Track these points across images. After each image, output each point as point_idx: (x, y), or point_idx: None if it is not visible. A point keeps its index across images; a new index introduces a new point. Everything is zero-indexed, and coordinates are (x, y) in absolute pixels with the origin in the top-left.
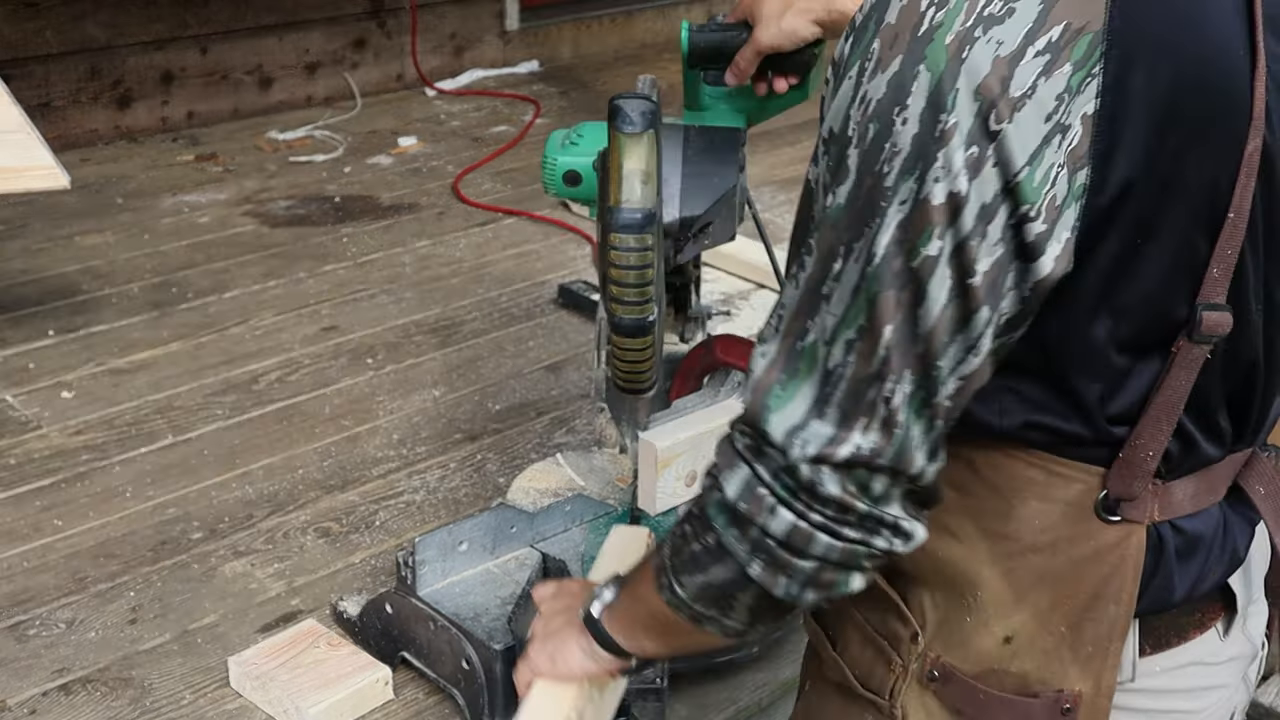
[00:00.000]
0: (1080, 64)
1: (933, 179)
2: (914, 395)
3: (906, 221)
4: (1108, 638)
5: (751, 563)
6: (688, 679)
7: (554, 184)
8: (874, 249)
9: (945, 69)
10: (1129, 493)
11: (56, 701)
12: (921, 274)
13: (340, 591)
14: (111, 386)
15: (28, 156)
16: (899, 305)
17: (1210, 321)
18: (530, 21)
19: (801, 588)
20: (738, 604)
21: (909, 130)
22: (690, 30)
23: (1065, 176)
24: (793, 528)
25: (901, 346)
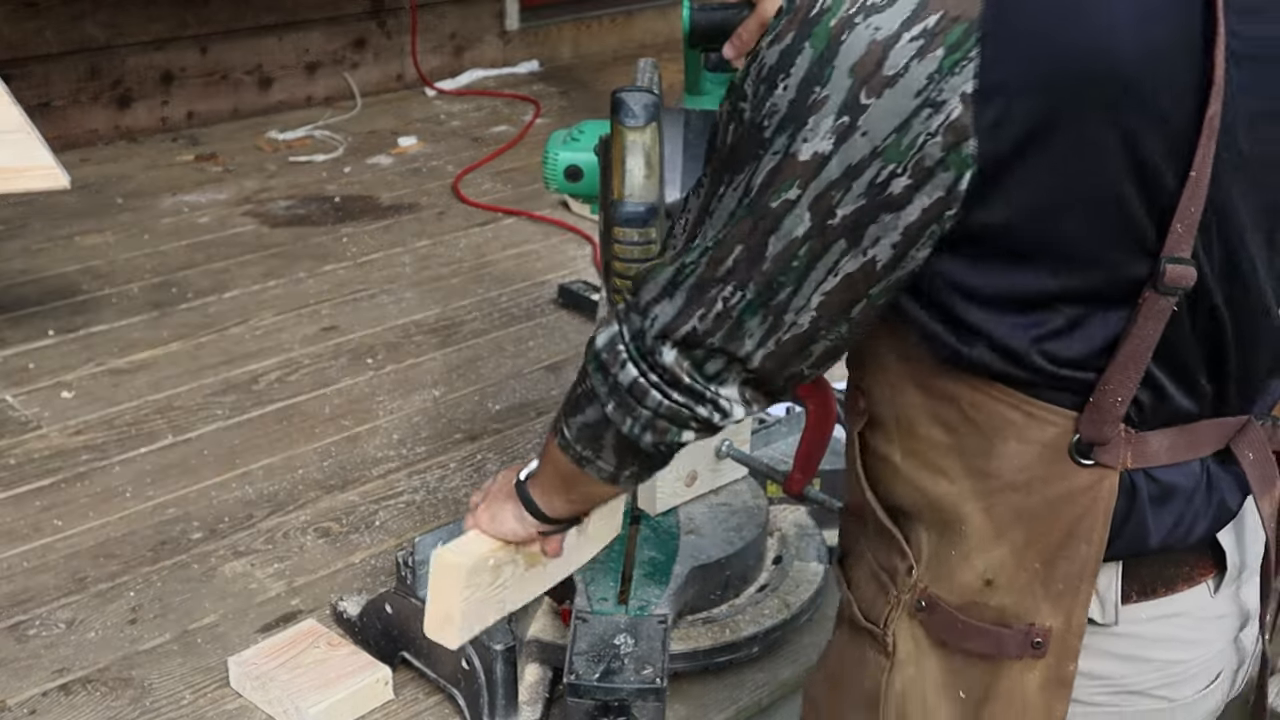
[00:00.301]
0: (954, 48)
1: (801, 139)
2: (753, 301)
3: (775, 169)
4: (1078, 576)
5: (608, 403)
6: (688, 679)
7: (555, 179)
8: (751, 184)
9: (826, 47)
10: (1100, 437)
11: (56, 701)
12: (779, 211)
13: (340, 591)
14: (111, 386)
15: (28, 156)
16: (753, 231)
17: (1174, 274)
18: (530, 21)
19: (641, 430)
20: (605, 443)
21: (787, 96)
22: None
23: (940, 144)
24: (634, 381)
25: (746, 263)
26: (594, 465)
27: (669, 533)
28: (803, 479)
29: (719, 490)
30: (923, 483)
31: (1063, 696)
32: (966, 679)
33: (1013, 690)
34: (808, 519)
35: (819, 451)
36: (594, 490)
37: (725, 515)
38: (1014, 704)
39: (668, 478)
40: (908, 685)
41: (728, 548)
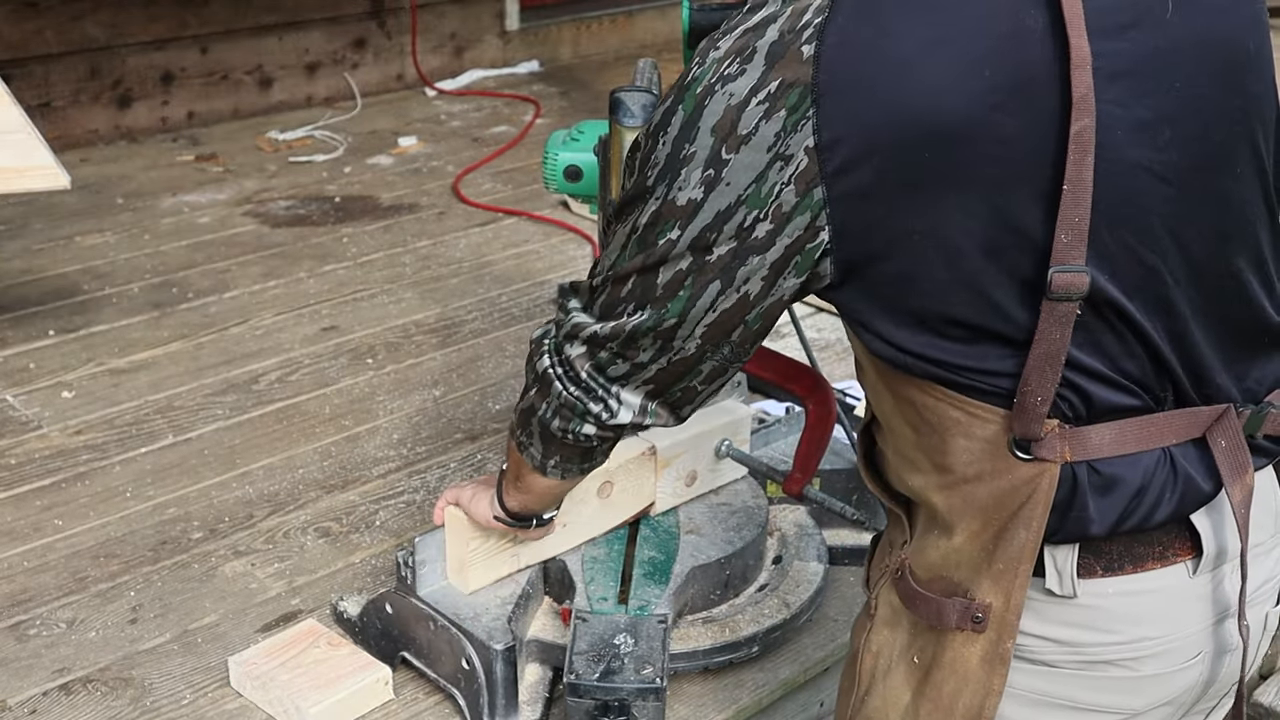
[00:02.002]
0: (793, 109)
1: (677, 187)
2: (642, 324)
3: (657, 212)
4: (1017, 559)
5: (533, 387)
6: (688, 679)
7: (555, 179)
8: (638, 223)
9: (693, 110)
10: (1030, 434)
11: (57, 701)
12: (664, 249)
13: (340, 591)
14: (111, 386)
15: (28, 156)
16: (644, 266)
17: (1061, 282)
18: (530, 21)
19: (551, 415)
20: (533, 428)
21: (665, 150)
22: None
23: (793, 192)
24: (545, 369)
25: (638, 290)
26: (528, 451)
27: (669, 533)
28: (803, 479)
29: (719, 490)
30: (903, 473)
31: (1001, 671)
32: (920, 646)
33: (955, 660)
34: (808, 519)
35: (819, 451)
36: (533, 481)
37: (725, 515)
38: (956, 673)
39: (668, 477)
40: (881, 646)
41: (728, 548)
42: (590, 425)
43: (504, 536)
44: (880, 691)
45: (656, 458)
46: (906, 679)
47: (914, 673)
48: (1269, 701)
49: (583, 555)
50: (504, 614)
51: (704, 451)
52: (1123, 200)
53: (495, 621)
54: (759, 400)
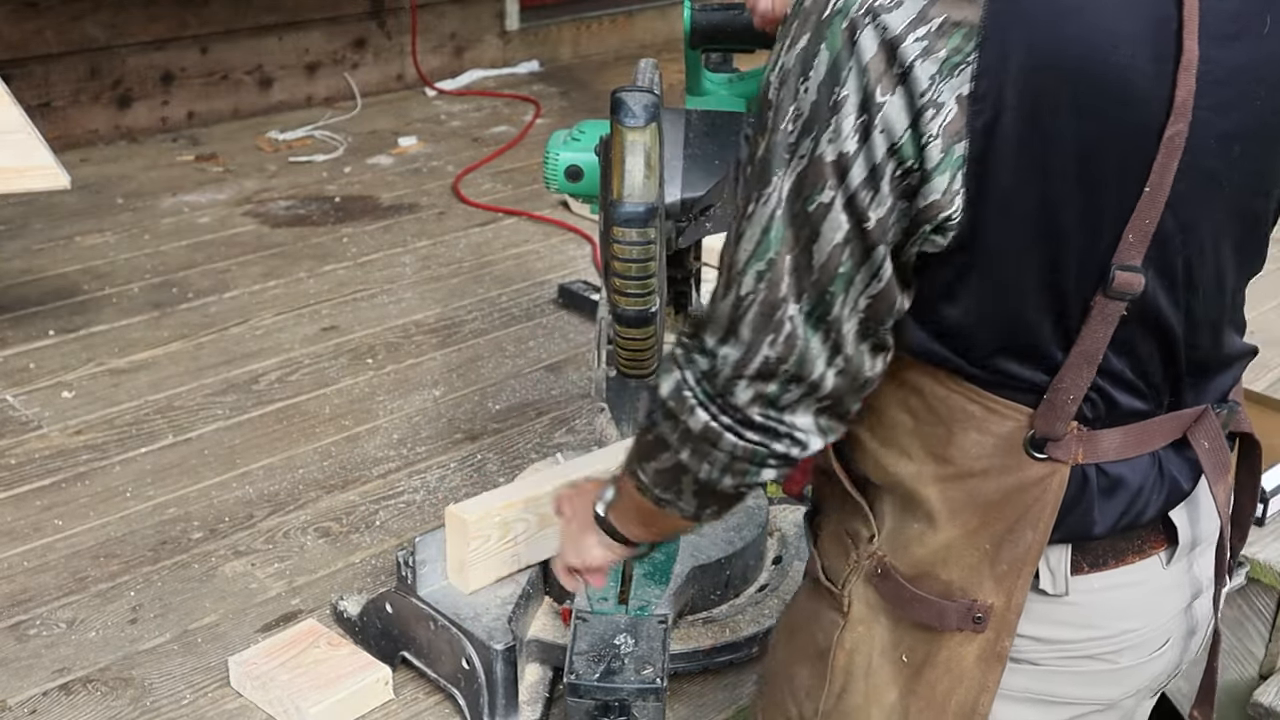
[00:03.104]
0: (955, 51)
1: (826, 140)
2: (810, 314)
3: (804, 173)
4: (1022, 560)
5: (682, 450)
6: (688, 679)
7: (556, 179)
8: (781, 193)
9: (840, 49)
10: (1053, 433)
11: (57, 701)
12: (815, 217)
13: (340, 591)
14: (111, 386)
15: (28, 156)
16: (797, 241)
17: (1122, 280)
18: (530, 21)
19: (719, 473)
20: (683, 487)
21: (809, 98)
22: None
23: (940, 145)
24: (706, 425)
25: (798, 274)
26: (675, 506)
27: None
28: (803, 479)
29: None
30: (887, 461)
31: (996, 669)
32: (910, 645)
33: (951, 659)
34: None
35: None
36: (677, 525)
37: None
38: (951, 672)
39: None
40: (857, 644)
41: (728, 548)
42: (771, 469)
43: (505, 536)
44: (860, 689)
45: None
46: (894, 678)
47: (902, 671)
48: (1269, 701)
49: None
50: (504, 614)
51: None
52: (1188, 208)
53: (495, 621)
54: None
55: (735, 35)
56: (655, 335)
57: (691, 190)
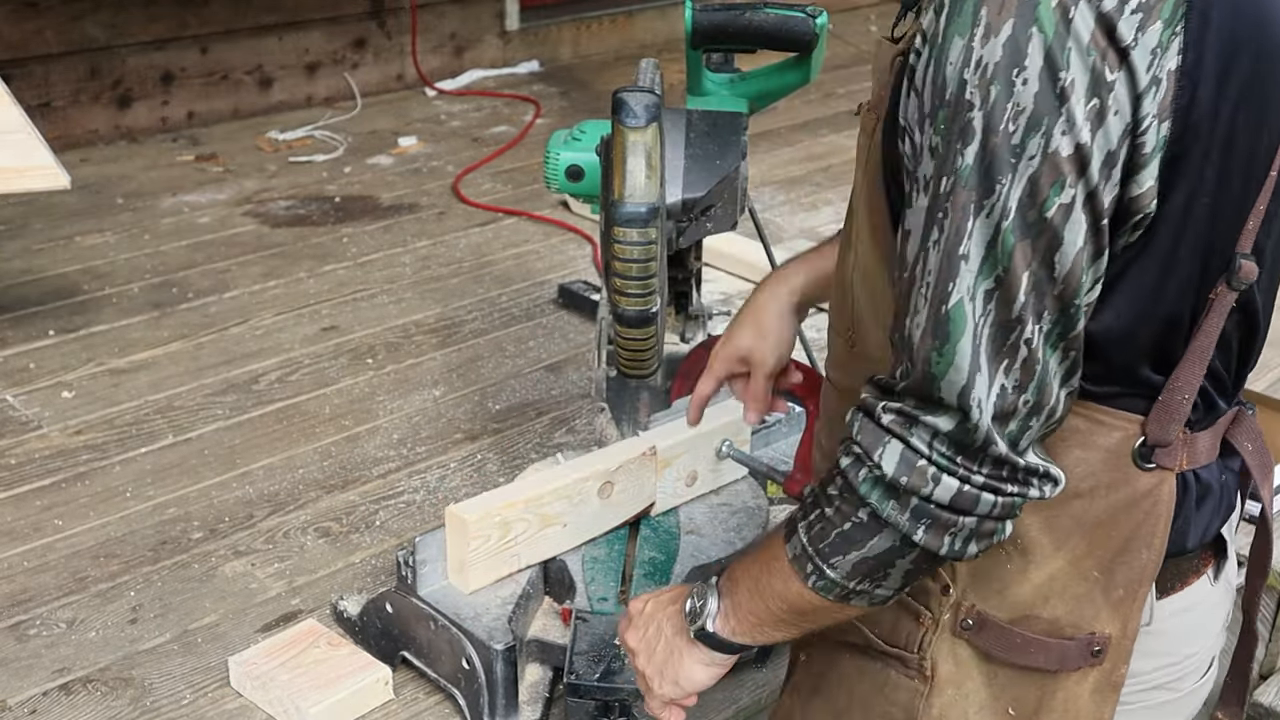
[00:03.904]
0: (1168, 22)
1: (1059, 133)
2: (1051, 332)
3: (1036, 175)
4: (1138, 581)
5: (916, 529)
6: None
7: (556, 179)
8: (1007, 204)
9: (1056, 29)
10: (1164, 438)
11: (57, 701)
12: (1055, 222)
13: (340, 591)
14: (111, 386)
15: (28, 156)
16: (1035, 252)
17: (1246, 269)
18: (530, 21)
19: (964, 543)
20: (894, 570)
21: (1030, 90)
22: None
23: (1155, 126)
24: (957, 492)
25: (1038, 290)
26: (867, 596)
27: (669, 533)
28: (803, 479)
29: (719, 490)
30: None
31: (1112, 699)
32: (1016, 694)
33: (1068, 699)
34: None
35: None
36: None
37: (725, 515)
38: (1068, 712)
39: (668, 477)
40: (947, 708)
41: (728, 548)
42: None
43: (505, 536)
44: None
45: (657, 458)
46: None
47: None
48: (1269, 701)
49: (583, 555)
50: (504, 614)
51: (704, 452)
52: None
53: (495, 621)
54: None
55: (736, 35)
56: (656, 335)
57: (693, 190)
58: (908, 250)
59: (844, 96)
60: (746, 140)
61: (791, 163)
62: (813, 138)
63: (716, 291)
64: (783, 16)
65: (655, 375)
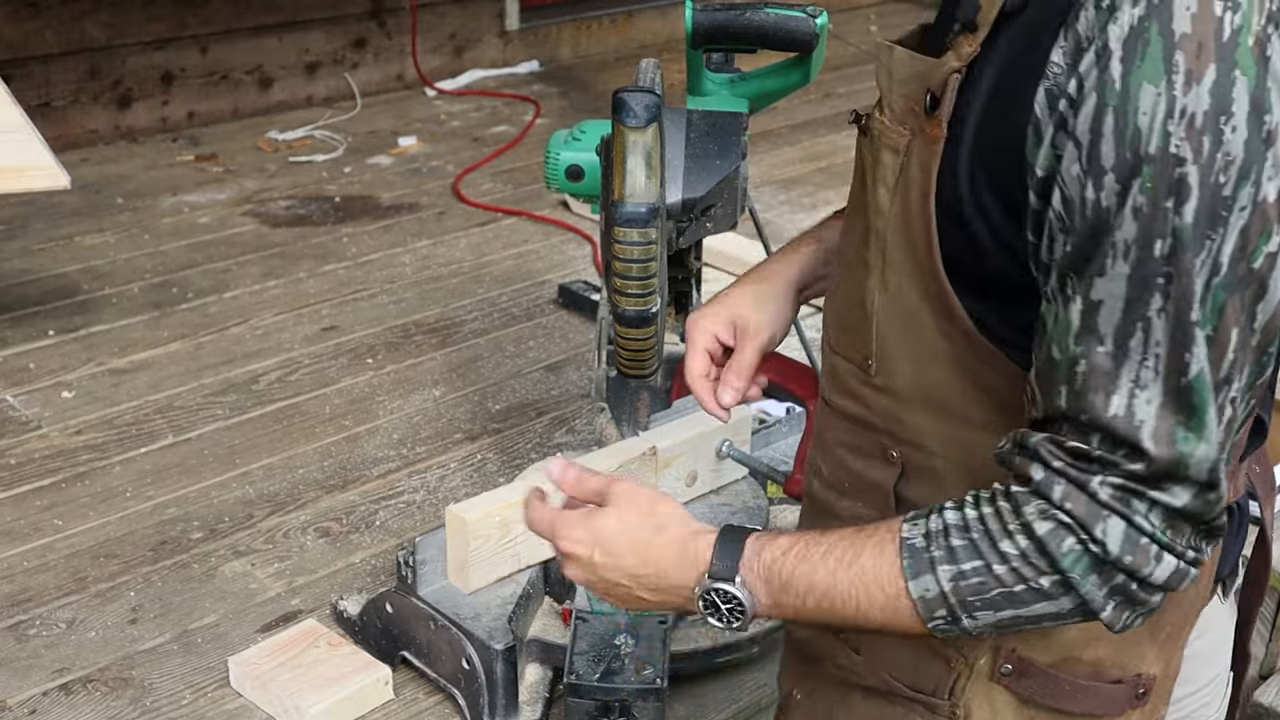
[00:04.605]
0: None
1: (1266, 179)
2: (1246, 386)
3: (1247, 227)
4: (1184, 620)
5: (1107, 605)
6: (688, 679)
7: (556, 179)
8: (1219, 259)
9: (1257, 72)
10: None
11: (57, 701)
12: (1261, 271)
13: (340, 591)
14: (111, 386)
15: (28, 156)
16: (1242, 307)
17: None
18: (530, 21)
19: (1140, 617)
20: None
21: (1239, 137)
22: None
23: None
24: (1174, 570)
25: (1243, 344)
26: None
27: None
28: (803, 480)
29: (719, 490)
30: None
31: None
32: None
33: None
34: None
35: None
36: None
37: (725, 515)
38: None
39: (668, 477)
40: None
41: None
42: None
43: (505, 536)
44: None
45: (657, 458)
46: None
47: None
48: (1269, 701)
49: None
50: (504, 614)
51: (704, 452)
52: None
53: (495, 621)
54: (759, 400)
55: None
56: (656, 335)
57: (693, 190)
58: (1103, 323)
59: (844, 96)
60: (747, 140)
61: (791, 163)
62: (813, 138)
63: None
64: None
65: (655, 375)
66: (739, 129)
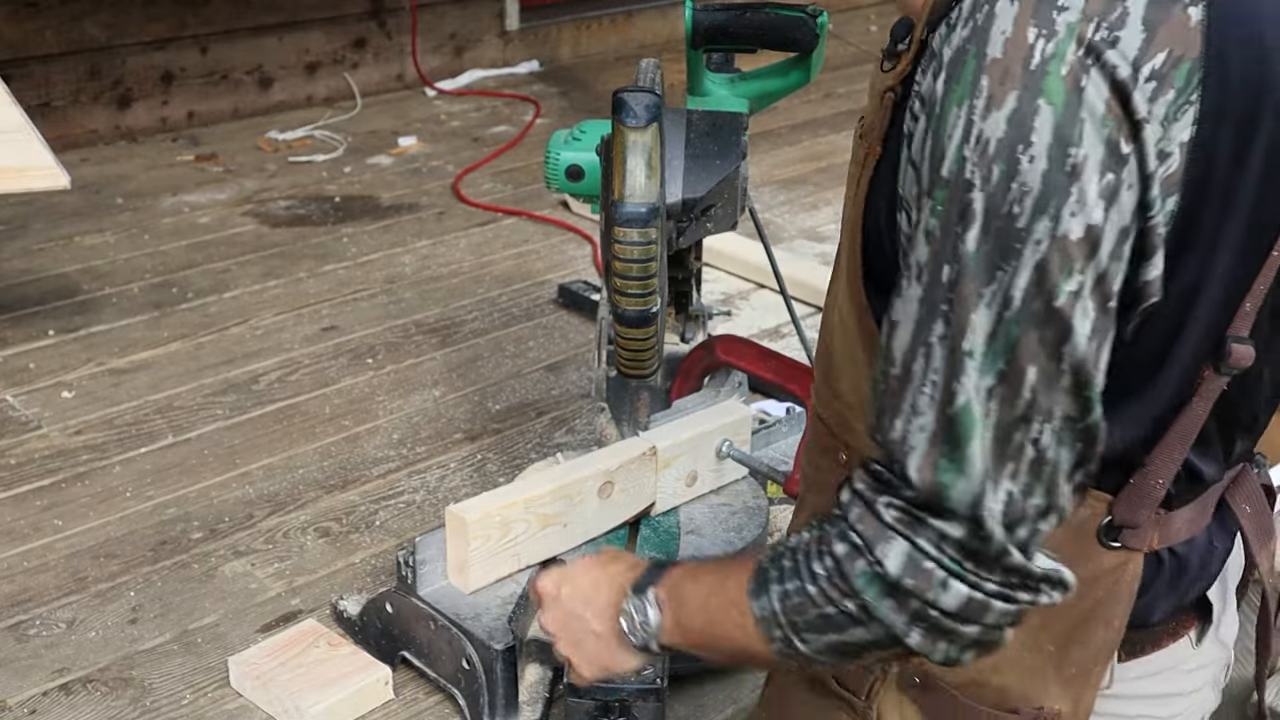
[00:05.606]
0: (1181, 91)
1: (1069, 214)
2: (1063, 429)
3: (1044, 262)
4: (1092, 660)
5: (910, 632)
6: (688, 679)
7: (556, 179)
8: (1010, 293)
9: (1066, 101)
10: (1133, 520)
11: (57, 701)
12: (1065, 311)
13: (340, 591)
14: (111, 386)
15: (28, 156)
16: (1042, 344)
17: (1237, 355)
18: (530, 21)
19: (962, 651)
20: (869, 657)
21: (1037, 168)
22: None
23: (1162, 203)
24: (966, 600)
25: (1047, 385)
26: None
27: (669, 533)
28: None
29: (719, 490)
30: None
31: None
32: None
33: None
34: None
35: None
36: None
37: (725, 515)
38: None
39: (668, 477)
40: None
41: (728, 548)
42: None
43: (505, 536)
44: None
45: (657, 458)
46: None
47: None
48: (1269, 701)
49: (583, 555)
50: (504, 614)
51: (704, 452)
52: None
53: (495, 621)
54: (759, 400)
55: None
56: (656, 335)
57: (693, 190)
58: (895, 344)
59: (844, 96)
60: (747, 140)
61: (791, 163)
62: (813, 138)
63: (716, 291)
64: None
65: (655, 375)
66: (739, 129)
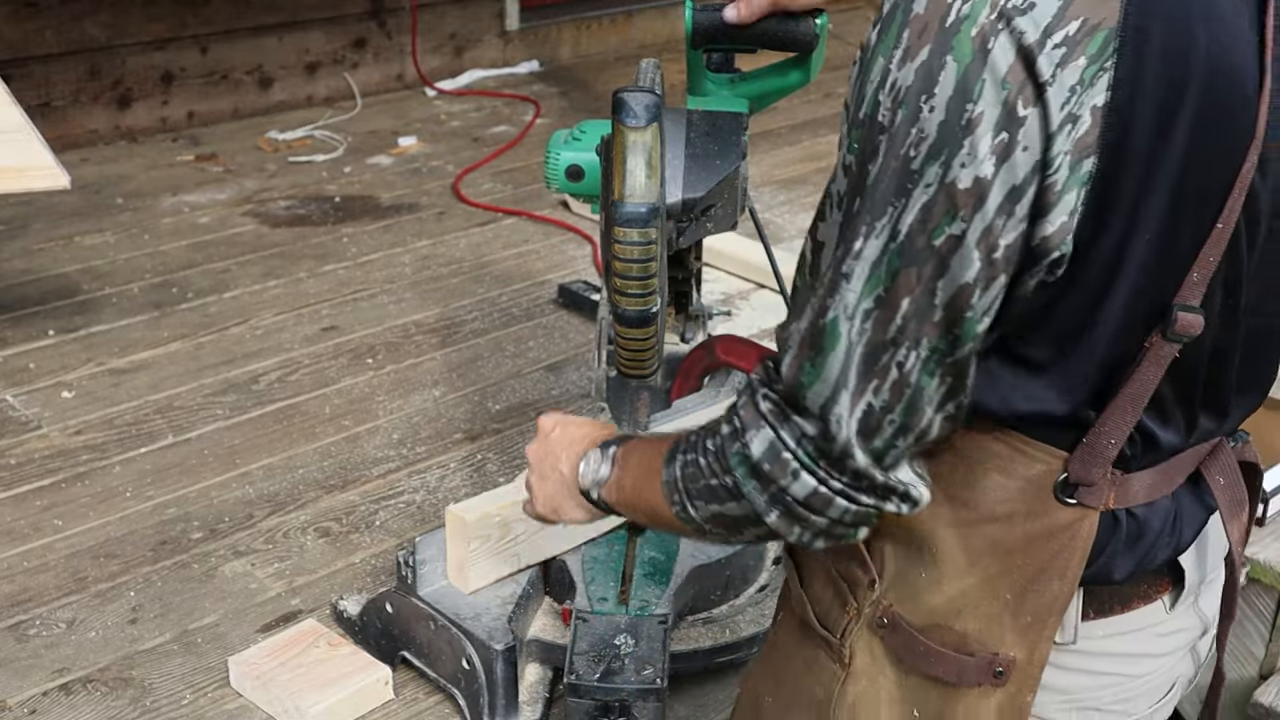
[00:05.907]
0: (1094, 58)
1: (959, 165)
2: (929, 359)
3: (930, 204)
4: (1047, 611)
5: (769, 513)
6: (688, 679)
7: (556, 179)
8: (897, 227)
9: (971, 60)
10: (1087, 478)
11: (57, 701)
12: (942, 251)
13: (340, 591)
14: (111, 386)
15: (28, 156)
16: (919, 279)
17: (1184, 322)
18: (530, 21)
19: (813, 538)
20: (747, 533)
21: (935, 118)
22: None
23: (1069, 163)
24: (813, 491)
25: (919, 316)
26: (723, 539)
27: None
28: None
29: None
30: None
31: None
32: (922, 699)
33: (968, 715)
34: None
35: None
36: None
37: None
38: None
39: None
40: (860, 697)
41: (728, 548)
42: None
43: (505, 536)
44: None
45: None
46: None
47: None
48: (1269, 701)
49: (583, 555)
50: (504, 614)
51: None
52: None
53: (495, 621)
54: None
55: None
56: (656, 335)
57: (693, 190)
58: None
59: (844, 96)
60: (747, 140)
61: (791, 163)
62: (813, 138)
63: (716, 291)
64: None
65: (655, 375)
66: (739, 129)
